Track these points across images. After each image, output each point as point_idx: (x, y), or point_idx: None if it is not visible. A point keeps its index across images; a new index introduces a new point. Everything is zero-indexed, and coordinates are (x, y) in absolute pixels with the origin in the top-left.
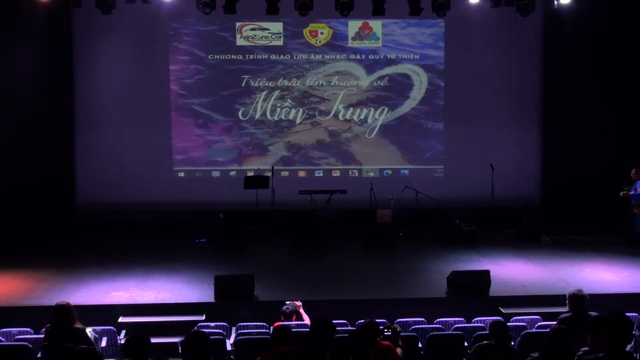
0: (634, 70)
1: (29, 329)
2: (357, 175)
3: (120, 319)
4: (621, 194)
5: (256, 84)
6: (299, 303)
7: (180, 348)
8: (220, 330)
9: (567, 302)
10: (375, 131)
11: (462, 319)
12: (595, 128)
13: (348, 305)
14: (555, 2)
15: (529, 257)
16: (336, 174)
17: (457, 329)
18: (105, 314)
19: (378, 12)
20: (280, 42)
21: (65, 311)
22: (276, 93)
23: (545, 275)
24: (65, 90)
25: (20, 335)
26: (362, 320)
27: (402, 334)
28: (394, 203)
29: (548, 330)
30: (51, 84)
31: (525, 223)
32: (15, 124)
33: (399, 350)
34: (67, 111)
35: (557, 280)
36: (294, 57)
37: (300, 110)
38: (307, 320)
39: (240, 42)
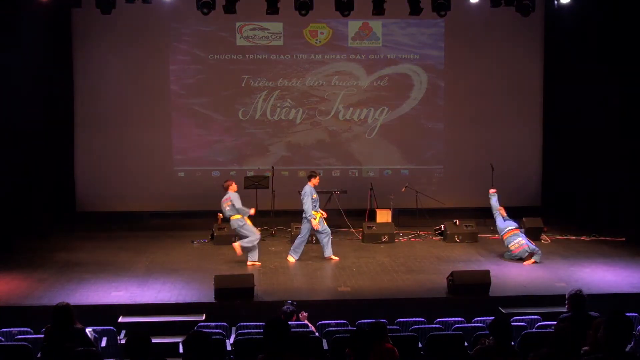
0: (635, 70)
1: (29, 329)
2: (357, 175)
3: (120, 319)
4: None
5: (256, 84)
6: (305, 314)
7: (182, 347)
8: (220, 330)
9: (566, 302)
10: (375, 131)
11: (462, 319)
12: (596, 128)
13: (348, 305)
14: (556, 2)
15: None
16: (336, 174)
17: (457, 329)
18: (105, 314)
19: (378, 12)
20: (280, 42)
21: (65, 312)
22: (276, 93)
23: (545, 275)
24: (65, 90)
25: (20, 335)
26: (362, 320)
27: (402, 334)
28: (394, 203)
29: (548, 330)
30: (51, 84)
31: (525, 223)
32: (15, 124)
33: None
34: (67, 111)
35: (557, 280)
36: (294, 57)
37: (300, 110)
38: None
39: (240, 42)
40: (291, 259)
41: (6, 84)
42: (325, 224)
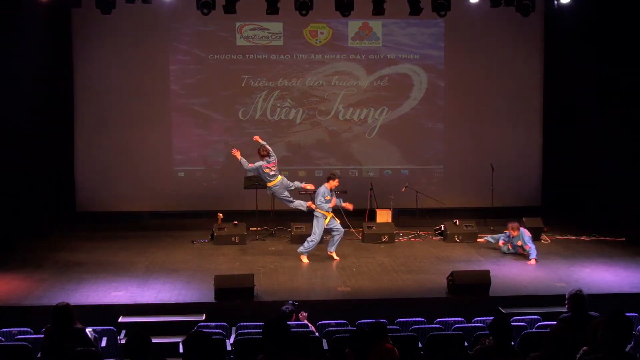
0: (635, 70)
1: (29, 329)
2: (357, 175)
3: (120, 319)
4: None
5: (256, 84)
6: (305, 314)
7: (182, 347)
8: (220, 330)
9: (566, 302)
10: (375, 131)
11: (462, 319)
12: (596, 128)
13: (348, 305)
14: (556, 2)
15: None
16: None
17: (457, 329)
18: (105, 314)
19: (378, 11)
20: (280, 42)
21: (65, 312)
22: (276, 93)
23: (545, 275)
24: (65, 90)
25: (20, 335)
26: (362, 320)
27: (402, 334)
28: (394, 203)
29: (548, 330)
30: (51, 84)
31: (525, 223)
32: (15, 124)
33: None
34: (67, 111)
35: (557, 280)
36: (294, 57)
37: (300, 110)
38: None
39: (240, 42)
40: (304, 259)
41: (6, 84)
42: (338, 222)
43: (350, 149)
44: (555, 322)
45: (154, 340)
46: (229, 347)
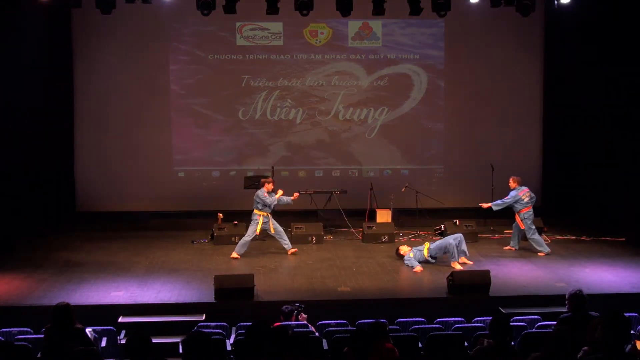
0: (635, 70)
1: (29, 329)
2: (357, 175)
3: (120, 319)
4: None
5: (256, 84)
6: (304, 315)
7: (182, 347)
8: (220, 330)
9: (566, 302)
10: (375, 131)
11: (462, 319)
12: (596, 128)
13: (348, 305)
14: (556, 2)
15: (529, 257)
16: (336, 174)
17: (457, 329)
18: (105, 314)
19: (378, 12)
20: (280, 42)
21: (65, 311)
22: (276, 93)
23: (545, 275)
24: (65, 90)
25: (20, 335)
26: (362, 320)
27: (402, 334)
28: (394, 203)
29: (548, 330)
30: (51, 84)
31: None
32: (15, 124)
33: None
34: (67, 111)
35: (557, 280)
36: (294, 57)
37: (300, 110)
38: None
39: (240, 42)
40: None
41: (6, 84)
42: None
43: (350, 149)
44: (555, 322)
45: (154, 340)
46: (229, 347)
